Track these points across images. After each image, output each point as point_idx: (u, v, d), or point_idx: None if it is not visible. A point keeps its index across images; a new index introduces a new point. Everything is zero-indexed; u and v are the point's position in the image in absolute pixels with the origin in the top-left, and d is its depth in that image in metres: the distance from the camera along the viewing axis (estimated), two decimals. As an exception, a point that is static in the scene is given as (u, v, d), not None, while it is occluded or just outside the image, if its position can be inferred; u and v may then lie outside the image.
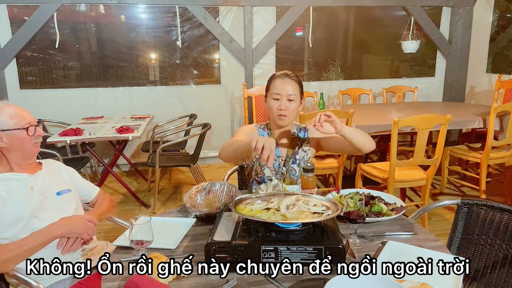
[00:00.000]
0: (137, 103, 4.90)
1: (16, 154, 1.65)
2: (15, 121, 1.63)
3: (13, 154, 1.65)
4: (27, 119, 1.67)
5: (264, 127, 2.04)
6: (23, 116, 1.66)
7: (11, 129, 1.61)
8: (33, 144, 1.68)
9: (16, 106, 1.68)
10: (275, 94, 1.91)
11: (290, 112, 1.91)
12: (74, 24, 4.81)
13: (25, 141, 1.65)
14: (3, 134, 1.60)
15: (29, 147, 1.67)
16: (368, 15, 5.53)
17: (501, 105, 3.51)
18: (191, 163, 3.88)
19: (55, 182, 1.77)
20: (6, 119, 1.61)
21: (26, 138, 1.65)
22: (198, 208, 1.68)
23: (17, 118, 1.63)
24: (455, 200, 1.77)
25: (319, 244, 1.25)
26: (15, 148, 1.64)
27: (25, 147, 1.65)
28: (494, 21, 5.19)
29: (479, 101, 5.39)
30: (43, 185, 1.69)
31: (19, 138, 1.63)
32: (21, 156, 1.67)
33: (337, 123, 1.73)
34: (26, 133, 1.64)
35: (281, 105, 1.89)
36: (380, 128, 3.47)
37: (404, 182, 3.12)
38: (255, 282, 1.21)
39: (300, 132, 2.07)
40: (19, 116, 1.64)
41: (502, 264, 1.60)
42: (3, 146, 1.62)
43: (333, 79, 5.55)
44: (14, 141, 1.62)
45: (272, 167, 1.46)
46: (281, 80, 1.91)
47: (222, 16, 4.93)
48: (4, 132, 1.60)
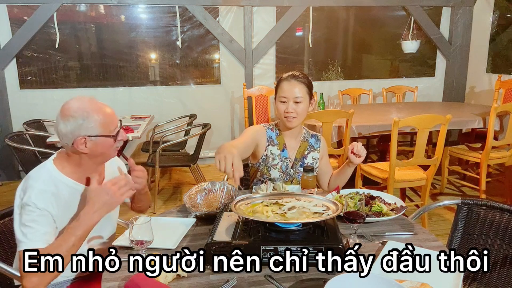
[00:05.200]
0: (137, 103, 4.90)
1: (95, 160, 1.51)
2: (105, 127, 1.46)
3: (92, 159, 1.50)
4: (115, 122, 1.50)
5: (272, 127, 2.02)
6: (113, 120, 1.49)
7: (99, 135, 1.45)
8: (114, 149, 1.53)
9: (104, 106, 1.49)
10: (282, 97, 1.91)
11: (298, 113, 1.91)
12: (74, 24, 4.81)
13: (110, 147, 1.50)
14: (88, 140, 1.43)
15: (110, 152, 1.53)
16: (368, 15, 5.53)
17: (501, 105, 3.51)
18: (191, 163, 3.88)
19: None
20: (96, 124, 1.44)
21: (112, 145, 1.50)
22: (198, 208, 1.68)
23: (106, 123, 1.46)
24: (455, 200, 1.77)
25: (319, 244, 1.25)
26: (96, 154, 1.48)
27: (107, 152, 1.51)
28: (494, 21, 5.19)
29: (479, 101, 5.39)
30: None
31: (105, 145, 1.48)
32: (99, 161, 1.54)
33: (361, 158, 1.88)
34: (114, 141, 1.50)
35: (288, 107, 1.89)
36: (380, 128, 3.47)
37: (404, 182, 3.12)
38: (255, 282, 1.21)
39: (312, 139, 2.07)
40: (109, 121, 1.47)
41: (502, 264, 1.60)
42: (85, 152, 1.45)
43: (333, 79, 5.55)
44: (99, 148, 1.47)
45: (236, 186, 1.44)
46: (288, 82, 1.90)
47: (222, 16, 4.93)
48: (90, 137, 1.44)
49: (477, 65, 5.45)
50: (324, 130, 3.19)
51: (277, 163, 1.97)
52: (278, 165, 1.97)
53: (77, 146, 1.43)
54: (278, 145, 1.99)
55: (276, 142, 1.99)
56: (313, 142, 2.07)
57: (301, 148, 2.03)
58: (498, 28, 5.19)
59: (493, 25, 5.21)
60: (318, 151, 2.07)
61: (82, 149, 1.44)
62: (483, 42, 5.31)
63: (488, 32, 5.24)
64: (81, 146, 1.43)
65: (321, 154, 2.08)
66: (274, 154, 1.98)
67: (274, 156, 1.97)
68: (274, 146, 1.98)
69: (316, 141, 2.08)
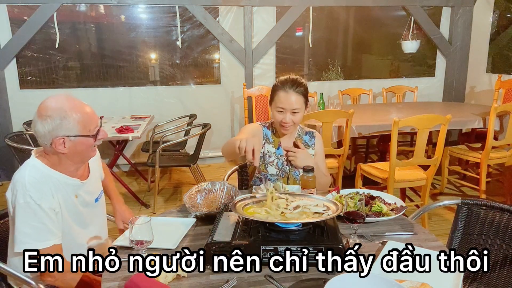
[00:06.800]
0: (137, 103, 4.90)
1: (74, 160, 1.48)
2: (84, 126, 1.42)
3: (71, 158, 1.47)
4: (95, 121, 1.46)
5: (268, 125, 2.06)
6: (92, 119, 1.45)
7: (78, 135, 1.42)
8: (92, 148, 1.51)
9: (83, 104, 1.45)
10: (279, 107, 1.91)
11: (295, 122, 1.94)
12: (74, 24, 4.81)
13: (89, 147, 1.47)
14: (67, 140, 1.41)
15: (89, 152, 1.50)
16: (368, 15, 5.52)
17: (501, 105, 3.51)
18: (191, 163, 3.88)
19: (95, 184, 1.66)
20: (72, 125, 1.40)
21: (92, 144, 1.47)
22: (198, 208, 1.68)
23: (86, 122, 1.42)
24: (455, 200, 1.77)
25: (319, 244, 1.25)
26: (75, 154, 1.45)
27: (88, 151, 1.49)
28: (494, 21, 5.19)
29: (479, 101, 5.39)
30: (88, 193, 1.59)
31: (84, 145, 1.45)
32: (78, 161, 1.51)
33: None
34: (94, 140, 1.46)
35: (285, 118, 1.90)
36: (380, 128, 3.47)
37: (404, 182, 3.11)
38: (255, 282, 1.21)
39: (306, 136, 2.10)
40: (88, 120, 1.43)
41: (502, 264, 1.60)
42: (63, 152, 1.42)
43: (333, 79, 5.55)
44: (78, 148, 1.44)
45: (258, 165, 1.48)
46: (285, 93, 1.90)
47: (222, 16, 4.93)
48: (69, 138, 1.40)
49: (477, 65, 5.45)
50: (324, 130, 3.19)
51: (273, 160, 2.01)
52: (274, 162, 2.01)
53: (55, 147, 1.41)
54: (274, 143, 2.03)
55: (271, 140, 2.02)
56: (307, 139, 2.09)
57: (296, 145, 2.04)
58: (498, 28, 5.19)
59: (493, 25, 5.20)
60: (312, 148, 2.08)
61: (61, 150, 1.41)
62: (483, 42, 5.30)
63: (488, 32, 5.24)
64: (59, 147, 1.41)
65: (316, 150, 2.10)
66: (270, 151, 2.01)
67: (270, 154, 2.01)
68: (270, 144, 2.02)
69: (310, 138, 2.10)
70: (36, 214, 1.39)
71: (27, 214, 1.38)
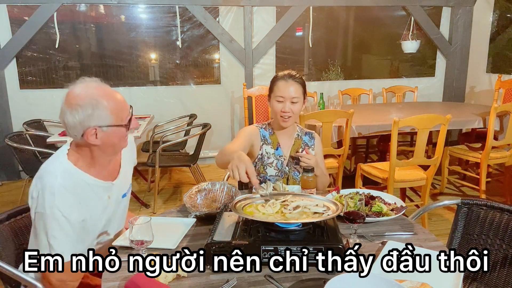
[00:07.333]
0: (137, 103, 4.89)
1: (106, 151, 1.39)
2: (116, 115, 1.32)
3: (103, 150, 1.38)
4: (126, 109, 1.36)
5: (265, 126, 2.05)
6: (124, 107, 1.36)
7: (111, 125, 1.32)
8: (126, 139, 1.43)
9: (113, 92, 1.35)
10: (279, 96, 1.93)
11: (294, 113, 1.94)
12: (74, 24, 4.81)
13: (122, 137, 1.39)
14: (99, 130, 1.31)
15: (122, 143, 1.41)
16: (368, 15, 5.52)
17: (501, 105, 3.51)
18: (191, 163, 3.88)
19: (126, 179, 1.58)
20: (105, 114, 1.30)
21: (125, 135, 1.38)
22: (198, 208, 1.68)
23: (118, 110, 1.33)
24: (455, 200, 1.77)
25: (319, 244, 1.25)
26: (107, 145, 1.36)
27: (119, 143, 1.40)
28: (494, 21, 5.19)
29: (479, 101, 5.39)
30: (118, 190, 1.53)
31: (117, 135, 1.36)
32: (111, 153, 1.42)
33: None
34: (126, 130, 1.37)
35: (284, 107, 1.91)
36: (380, 128, 3.47)
37: (404, 182, 3.11)
38: (255, 282, 1.21)
39: (306, 136, 2.09)
40: (120, 108, 1.33)
41: (502, 264, 1.60)
42: (96, 143, 1.33)
43: (333, 79, 5.55)
44: (111, 138, 1.35)
45: (257, 185, 1.45)
46: (285, 82, 1.93)
47: (222, 16, 4.93)
48: (102, 128, 1.31)
49: (477, 65, 5.45)
50: (324, 130, 3.18)
51: (272, 161, 2.00)
52: (274, 163, 2.00)
53: (87, 138, 1.32)
54: (272, 143, 2.02)
55: (269, 141, 2.02)
56: (307, 140, 2.09)
57: (295, 145, 2.05)
58: (498, 28, 5.19)
59: (493, 25, 5.20)
60: (312, 149, 2.09)
61: (93, 141, 1.32)
62: (483, 42, 5.30)
63: (488, 32, 5.24)
64: (91, 138, 1.31)
65: (316, 151, 2.10)
66: (268, 153, 2.01)
67: (269, 155, 2.00)
68: (268, 145, 2.01)
69: (310, 139, 2.10)
70: (62, 227, 1.32)
71: (52, 225, 1.31)
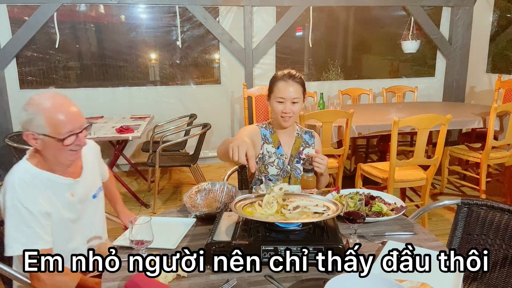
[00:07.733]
0: (137, 103, 4.90)
1: (49, 158, 1.47)
2: (54, 128, 1.39)
3: (48, 156, 1.46)
4: (68, 127, 1.42)
5: (266, 126, 2.06)
6: (67, 123, 1.41)
7: (46, 135, 1.40)
8: (68, 151, 1.46)
9: (64, 107, 1.42)
10: (279, 97, 1.93)
11: (294, 113, 1.95)
12: (74, 24, 4.81)
13: (59, 150, 1.44)
14: (37, 136, 1.41)
15: (64, 154, 1.46)
16: (368, 15, 5.52)
17: (501, 105, 3.50)
18: (191, 163, 3.88)
19: (92, 181, 1.65)
20: (42, 124, 1.39)
21: (61, 148, 1.43)
22: (198, 208, 1.68)
23: (57, 125, 1.39)
24: (455, 200, 1.77)
25: (319, 244, 1.25)
26: (48, 152, 1.45)
27: (60, 154, 1.45)
28: (494, 21, 5.19)
29: (479, 101, 5.39)
30: (84, 189, 1.58)
31: (53, 146, 1.42)
32: (56, 161, 1.48)
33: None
34: (62, 145, 1.42)
35: (285, 108, 1.92)
36: (380, 128, 3.47)
37: (404, 182, 3.11)
38: (255, 282, 1.21)
39: (306, 135, 2.10)
40: (61, 124, 1.40)
41: (502, 264, 1.60)
42: (38, 148, 1.44)
43: (333, 79, 5.55)
44: (47, 147, 1.43)
45: (254, 170, 1.47)
46: (285, 83, 1.93)
47: (222, 16, 4.93)
48: (39, 135, 1.40)
49: (477, 65, 5.45)
50: (324, 130, 3.18)
51: (273, 160, 2.00)
52: (275, 162, 2.00)
53: (27, 139, 1.43)
54: (273, 142, 2.02)
55: (270, 140, 2.02)
56: (307, 139, 2.10)
57: (296, 144, 2.05)
58: (498, 28, 5.19)
59: (493, 25, 5.20)
60: (313, 147, 2.09)
61: (34, 145, 1.43)
62: (483, 42, 5.30)
63: (488, 32, 5.24)
64: (31, 141, 1.43)
65: (315, 150, 2.10)
66: (270, 152, 2.01)
67: (270, 154, 2.00)
68: (269, 144, 2.01)
69: (310, 137, 2.11)
70: (23, 217, 1.38)
71: (15, 217, 1.38)
